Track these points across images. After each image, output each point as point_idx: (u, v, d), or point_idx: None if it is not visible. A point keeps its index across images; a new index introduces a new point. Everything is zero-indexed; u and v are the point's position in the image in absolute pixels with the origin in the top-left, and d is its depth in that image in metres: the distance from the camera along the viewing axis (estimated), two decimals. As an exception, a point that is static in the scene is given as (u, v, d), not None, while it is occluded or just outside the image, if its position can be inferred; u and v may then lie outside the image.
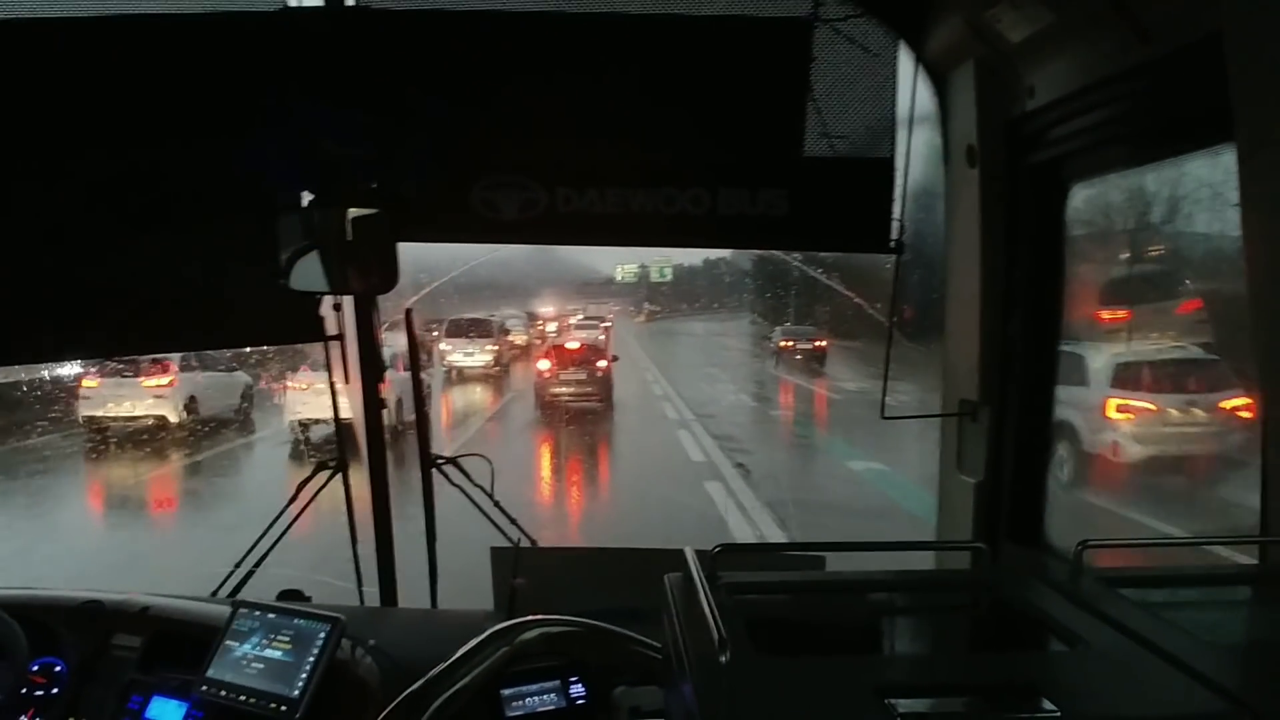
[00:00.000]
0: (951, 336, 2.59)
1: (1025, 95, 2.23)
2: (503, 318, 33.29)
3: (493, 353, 25.85)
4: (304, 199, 2.55)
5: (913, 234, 2.60)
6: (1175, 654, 1.30)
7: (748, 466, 14.13)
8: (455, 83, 2.51)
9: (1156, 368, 8.82)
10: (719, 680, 1.20)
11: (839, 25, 2.44)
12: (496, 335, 26.77)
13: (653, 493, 12.28)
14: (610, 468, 16.16)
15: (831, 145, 2.53)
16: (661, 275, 45.67)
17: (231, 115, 2.46)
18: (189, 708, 2.20)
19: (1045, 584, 1.61)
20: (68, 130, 2.47)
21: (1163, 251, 7.61)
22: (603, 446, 17.67)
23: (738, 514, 11.09)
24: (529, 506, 10.34)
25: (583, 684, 2.25)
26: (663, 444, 16.31)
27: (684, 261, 45.96)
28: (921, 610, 1.74)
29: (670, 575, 1.58)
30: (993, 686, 1.26)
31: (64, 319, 2.63)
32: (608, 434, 18.51)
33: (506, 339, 28.78)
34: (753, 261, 31.84)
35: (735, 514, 11.09)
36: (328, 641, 2.17)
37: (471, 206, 2.57)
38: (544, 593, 2.47)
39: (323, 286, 2.58)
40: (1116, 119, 2.01)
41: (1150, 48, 1.78)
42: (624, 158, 2.58)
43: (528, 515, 2.90)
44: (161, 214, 2.56)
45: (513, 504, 2.87)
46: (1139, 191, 5.98)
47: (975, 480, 2.47)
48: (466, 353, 24.88)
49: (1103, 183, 2.49)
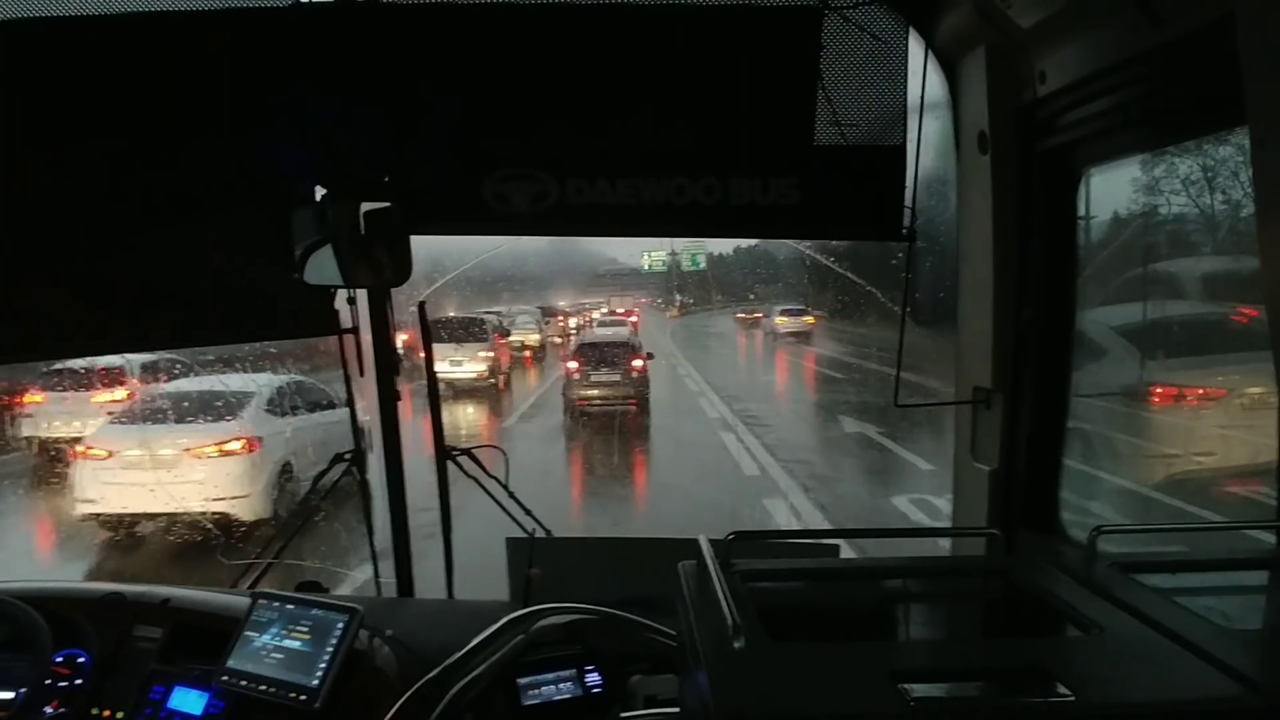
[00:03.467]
0: (964, 323, 2.58)
1: (1036, 81, 2.22)
2: (512, 314, 30.22)
3: (486, 360, 21.47)
4: (317, 193, 2.57)
5: (924, 221, 2.60)
6: (1190, 639, 1.30)
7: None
8: (466, 76, 2.52)
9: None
10: (733, 666, 1.22)
11: (849, 13, 2.43)
12: (492, 338, 22.39)
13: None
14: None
15: (842, 133, 2.53)
16: (693, 263, 42.73)
17: (244, 110, 2.47)
18: (210, 697, 2.23)
19: (1059, 569, 1.62)
20: (81, 126, 2.49)
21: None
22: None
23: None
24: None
25: (598, 672, 2.27)
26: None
27: (714, 249, 42.81)
28: (935, 596, 1.74)
29: (685, 563, 1.59)
30: (1007, 671, 1.27)
31: (78, 315, 2.66)
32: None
33: (505, 342, 24.23)
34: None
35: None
36: (346, 631, 2.19)
37: (484, 199, 2.58)
38: (559, 582, 2.48)
39: (336, 280, 2.60)
40: (1128, 104, 2.00)
41: (1161, 31, 1.77)
42: (635, 149, 2.58)
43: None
44: (174, 209, 2.58)
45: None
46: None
47: (990, 467, 2.47)
48: (453, 361, 20.20)
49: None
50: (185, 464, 10.90)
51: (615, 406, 18.37)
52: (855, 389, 21.07)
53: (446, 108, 2.49)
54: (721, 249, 43.37)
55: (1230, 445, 5.15)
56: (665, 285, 45.52)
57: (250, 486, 10.94)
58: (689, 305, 45.53)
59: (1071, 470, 2.45)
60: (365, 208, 2.53)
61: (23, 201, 2.52)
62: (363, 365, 2.81)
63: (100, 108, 2.47)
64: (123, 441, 11.10)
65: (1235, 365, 5.20)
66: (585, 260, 42.71)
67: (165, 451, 10.91)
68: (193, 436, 11.17)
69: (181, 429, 11.37)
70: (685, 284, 45.35)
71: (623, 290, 42.43)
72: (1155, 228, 4.79)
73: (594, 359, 19.01)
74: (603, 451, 16.17)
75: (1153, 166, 3.78)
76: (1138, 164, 3.55)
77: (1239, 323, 5.01)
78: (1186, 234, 6.93)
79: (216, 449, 11.08)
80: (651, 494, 13.73)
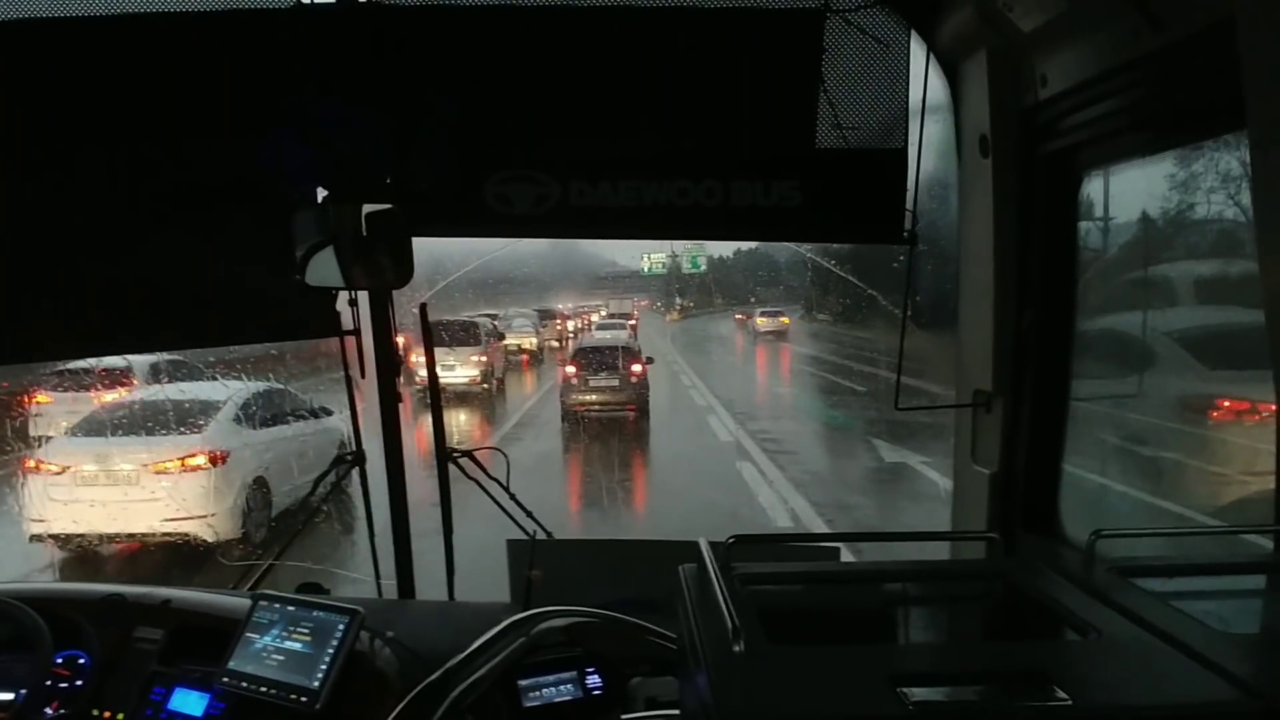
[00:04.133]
0: (965, 327, 2.59)
1: (1038, 84, 2.22)
2: (508, 317, 29.75)
3: (479, 365, 21.18)
4: (319, 195, 2.57)
5: (926, 224, 2.60)
6: (1188, 643, 1.30)
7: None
8: (468, 78, 2.52)
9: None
10: (733, 669, 1.22)
11: (850, 16, 2.44)
12: (485, 341, 22.03)
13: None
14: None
15: (844, 136, 2.53)
16: (694, 266, 42.68)
17: (246, 112, 2.48)
18: (210, 699, 2.23)
19: (1058, 573, 1.61)
20: (82, 128, 2.49)
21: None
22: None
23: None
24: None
25: (599, 675, 2.27)
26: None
27: (715, 252, 43.00)
28: (935, 600, 1.74)
29: (685, 566, 1.59)
30: (1005, 675, 1.27)
31: (79, 317, 2.66)
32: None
33: (498, 345, 23.80)
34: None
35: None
36: (347, 633, 2.19)
37: (485, 201, 2.58)
38: (560, 585, 2.48)
39: (338, 282, 2.60)
40: (1130, 107, 2.00)
41: (1163, 35, 1.77)
42: (636, 151, 2.58)
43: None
44: (176, 212, 2.59)
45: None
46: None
47: (989, 471, 2.47)
48: (445, 365, 19.32)
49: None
50: (145, 480, 10.06)
51: (613, 412, 17.78)
52: (877, 405, 18.58)
53: (448, 109, 2.49)
54: (722, 251, 43.23)
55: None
56: (665, 288, 45.33)
57: (215, 505, 10.12)
58: (689, 308, 45.45)
59: (1132, 499, 2.39)
60: (367, 209, 2.54)
61: (25, 204, 2.52)
62: (364, 367, 2.82)
63: (101, 109, 2.47)
64: (78, 456, 10.26)
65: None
66: (585, 263, 42.60)
67: (124, 467, 10.08)
68: (154, 450, 10.29)
69: (142, 442, 10.50)
70: (686, 287, 45.04)
71: (623, 293, 42.20)
72: (1224, 225, 4.45)
73: (592, 363, 18.40)
74: (602, 486, 13.97)
75: (1217, 160, 3.58)
76: (1207, 156, 3.43)
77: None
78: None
79: (179, 464, 10.19)
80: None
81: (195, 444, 10.37)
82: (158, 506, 9.87)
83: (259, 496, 10.74)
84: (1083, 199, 2.34)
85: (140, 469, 10.07)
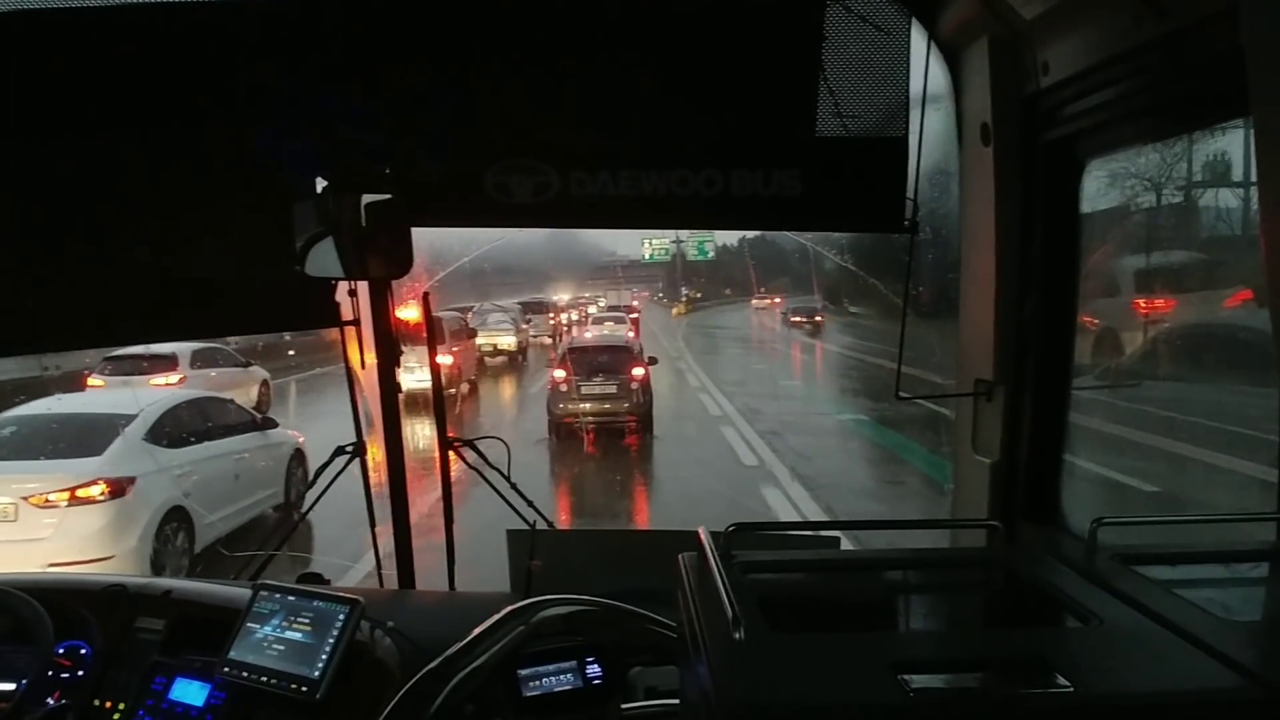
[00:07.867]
0: (966, 316, 2.58)
1: (1039, 72, 2.22)
2: (482, 312, 26.24)
3: (444, 366, 19.58)
4: (318, 184, 2.57)
5: (927, 213, 2.59)
6: (1190, 630, 1.30)
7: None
8: (468, 67, 2.52)
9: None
10: (733, 658, 1.22)
11: (851, 4, 2.42)
12: (450, 341, 19.70)
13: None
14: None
15: (844, 125, 2.52)
16: (700, 253, 37.82)
17: (244, 102, 2.47)
18: (211, 688, 2.23)
19: (1060, 561, 1.62)
20: (80, 117, 2.48)
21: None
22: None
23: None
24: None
25: (599, 664, 2.27)
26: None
27: (721, 238, 38.73)
28: (936, 588, 1.74)
29: (685, 555, 1.59)
30: (1006, 662, 1.27)
31: (82, 307, 2.66)
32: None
33: (468, 345, 21.39)
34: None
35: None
36: (347, 623, 2.19)
37: (485, 190, 2.57)
38: (560, 574, 2.49)
39: (338, 272, 2.60)
40: (1132, 95, 1.99)
41: (1165, 22, 1.76)
42: (637, 140, 2.58)
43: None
44: (175, 202, 2.58)
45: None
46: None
47: (990, 460, 2.47)
48: (406, 367, 18.74)
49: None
50: (26, 516, 8.23)
51: (611, 423, 15.47)
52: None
53: (447, 98, 2.49)
54: (728, 238, 40.37)
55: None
56: (669, 277, 43.40)
57: (114, 545, 8.30)
58: (696, 299, 43.23)
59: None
60: (366, 199, 2.54)
61: (24, 193, 2.52)
62: (364, 356, 2.82)
63: (99, 99, 2.46)
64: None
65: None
66: (584, 252, 41.50)
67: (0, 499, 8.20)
68: (41, 479, 8.44)
69: (23, 469, 8.58)
70: (691, 276, 42.99)
71: (621, 283, 40.58)
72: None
73: (584, 366, 15.95)
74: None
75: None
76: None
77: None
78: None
79: (67, 496, 8.31)
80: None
81: (91, 470, 8.52)
82: (44, 548, 8.00)
83: (175, 532, 8.99)
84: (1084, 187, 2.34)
85: (19, 502, 8.25)
